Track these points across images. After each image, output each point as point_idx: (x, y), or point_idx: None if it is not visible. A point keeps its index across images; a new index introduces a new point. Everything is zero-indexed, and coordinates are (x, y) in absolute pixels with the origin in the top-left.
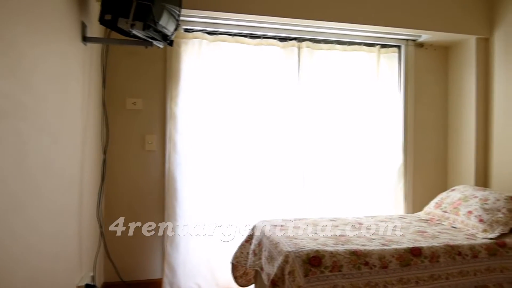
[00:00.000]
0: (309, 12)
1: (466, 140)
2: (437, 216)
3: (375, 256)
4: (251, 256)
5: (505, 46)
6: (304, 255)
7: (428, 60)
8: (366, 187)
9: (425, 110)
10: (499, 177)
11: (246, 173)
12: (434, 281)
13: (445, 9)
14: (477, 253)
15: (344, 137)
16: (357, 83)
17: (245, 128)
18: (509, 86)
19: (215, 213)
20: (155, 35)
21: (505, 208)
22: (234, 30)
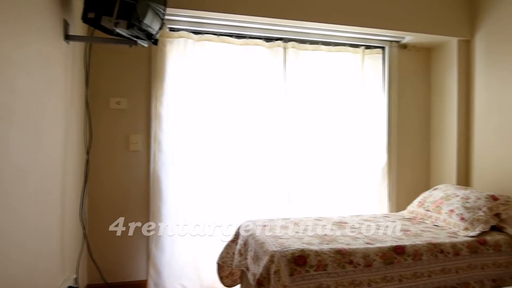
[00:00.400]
0: (294, 13)
1: (448, 140)
2: (420, 214)
3: (359, 254)
4: (237, 256)
5: (486, 48)
6: (290, 254)
7: (411, 61)
8: (351, 187)
9: (408, 110)
10: (480, 176)
11: (232, 173)
12: (417, 279)
13: (428, 11)
14: (459, 251)
15: (329, 137)
16: (342, 83)
17: (231, 128)
18: (490, 87)
19: (201, 214)
20: (139, 34)
21: (486, 207)
22: (220, 29)
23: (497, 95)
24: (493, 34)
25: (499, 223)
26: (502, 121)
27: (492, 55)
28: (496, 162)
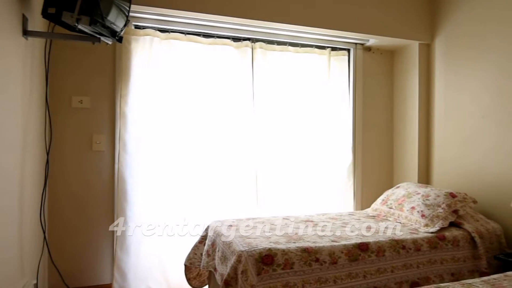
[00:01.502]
0: (262, 13)
1: (410, 140)
2: (383, 212)
3: (325, 252)
4: (204, 257)
5: (445, 51)
6: (257, 254)
7: (375, 63)
8: (317, 186)
9: (372, 111)
10: (439, 174)
11: (199, 174)
12: (380, 274)
13: (391, 16)
14: (420, 246)
15: (296, 136)
16: (309, 84)
17: (198, 128)
18: (448, 89)
19: (168, 215)
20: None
21: (445, 204)
22: (187, 28)
23: (454, 96)
24: (451, 39)
25: (457, 219)
26: (460, 121)
27: (450, 58)
28: (454, 161)
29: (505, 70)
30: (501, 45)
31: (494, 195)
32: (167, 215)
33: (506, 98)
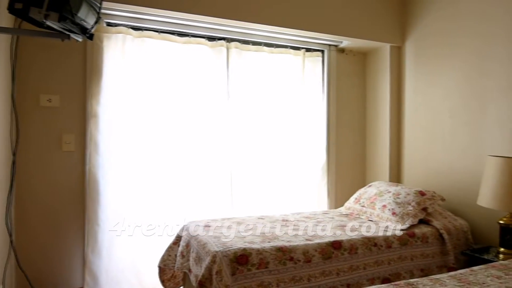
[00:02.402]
0: (237, 13)
1: (382, 140)
2: (356, 210)
3: (299, 251)
4: (179, 258)
5: (414, 54)
6: (232, 254)
7: (349, 65)
8: (292, 185)
9: (346, 111)
10: (410, 173)
11: (174, 174)
12: (353, 272)
13: (363, 19)
14: (391, 243)
15: (271, 136)
16: (283, 84)
17: (172, 128)
18: (417, 90)
19: (141, 216)
20: (72, 28)
21: (414, 202)
22: (161, 26)
23: (424, 97)
24: (420, 42)
25: (426, 217)
26: (428, 121)
27: (419, 60)
28: (424, 160)
29: (470, 73)
30: (467, 50)
31: (461, 193)
32: (140, 216)
33: (471, 99)
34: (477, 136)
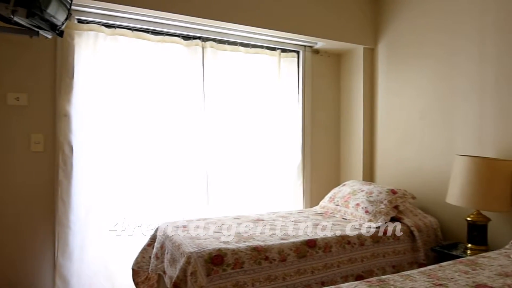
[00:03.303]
0: (212, 12)
1: (355, 140)
2: (330, 209)
3: (274, 250)
4: (153, 260)
5: (387, 56)
6: (206, 254)
7: (323, 66)
8: (268, 185)
9: (321, 111)
10: (382, 172)
11: (148, 175)
12: (327, 270)
13: (338, 21)
14: (364, 241)
15: (247, 136)
16: (259, 85)
17: (147, 128)
18: (390, 91)
19: (115, 218)
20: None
21: (386, 200)
22: (135, 24)
23: (395, 98)
24: (392, 44)
25: (398, 215)
26: (400, 122)
27: (391, 62)
28: (395, 159)
29: (440, 74)
30: (436, 52)
31: (431, 191)
32: (113, 218)
33: (441, 100)
34: (446, 136)
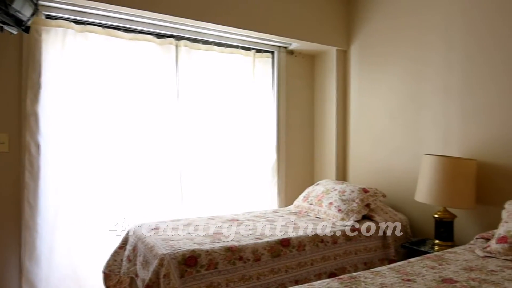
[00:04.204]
0: (187, 11)
1: (329, 140)
2: (304, 208)
3: (249, 250)
4: (125, 263)
5: (358, 58)
6: (180, 256)
7: (298, 67)
8: (243, 185)
9: (295, 112)
10: (354, 171)
11: (120, 176)
12: (301, 268)
13: (312, 22)
14: (336, 239)
15: (222, 136)
16: (234, 84)
17: (119, 127)
18: (362, 92)
19: (85, 220)
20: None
21: (358, 198)
22: (106, 21)
23: (367, 99)
24: (364, 47)
25: (369, 213)
26: (371, 122)
27: (363, 64)
28: (367, 159)
29: (409, 77)
30: (406, 55)
31: (400, 190)
32: (84, 221)
33: (409, 102)
34: (415, 136)
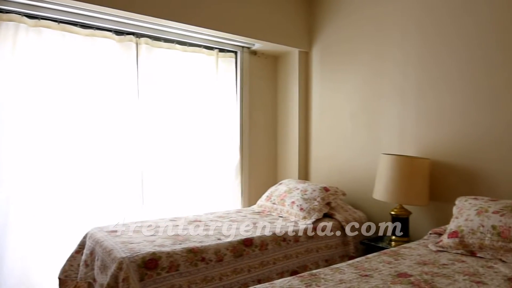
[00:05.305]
0: (147, 8)
1: (292, 140)
2: (267, 208)
3: (211, 251)
4: (82, 268)
5: (320, 60)
6: (140, 259)
7: (261, 67)
8: (206, 185)
9: (259, 112)
10: (316, 170)
11: (77, 178)
12: (263, 267)
13: (275, 24)
14: (298, 238)
15: (184, 137)
16: (197, 84)
17: (76, 128)
18: (323, 93)
19: (39, 224)
20: None
21: (320, 197)
22: (61, 16)
23: (328, 100)
24: (324, 49)
25: (330, 211)
26: (332, 123)
27: (324, 65)
28: (328, 158)
29: (368, 78)
30: (365, 57)
31: (360, 188)
32: (38, 224)
33: (368, 103)
34: (373, 136)
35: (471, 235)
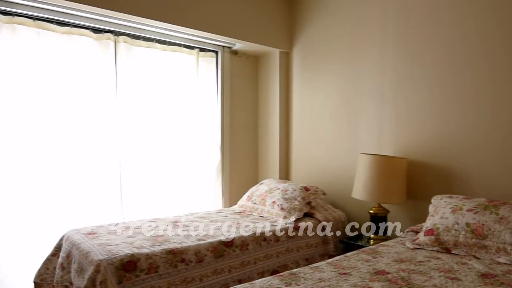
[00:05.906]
0: (126, 6)
1: (272, 140)
2: (248, 208)
3: (191, 252)
4: (58, 271)
5: (300, 60)
6: (118, 261)
7: (242, 67)
8: (186, 185)
9: (239, 112)
10: (297, 170)
11: (53, 179)
12: (244, 267)
13: (256, 24)
14: (279, 237)
15: (164, 136)
16: (177, 83)
17: (52, 127)
18: (303, 94)
19: (12, 225)
20: None
21: (300, 197)
22: (37, 13)
23: (308, 100)
24: (305, 49)
25: (310, 210)
26: (313, 123)
27: (305, 66)
28: (309, 158)
29: (347, 79)
30: (344, 58)
31: (339, 187)
32: (11, 225)
33: (347, 103)
34: (352, 136)
35: (446, 232)
